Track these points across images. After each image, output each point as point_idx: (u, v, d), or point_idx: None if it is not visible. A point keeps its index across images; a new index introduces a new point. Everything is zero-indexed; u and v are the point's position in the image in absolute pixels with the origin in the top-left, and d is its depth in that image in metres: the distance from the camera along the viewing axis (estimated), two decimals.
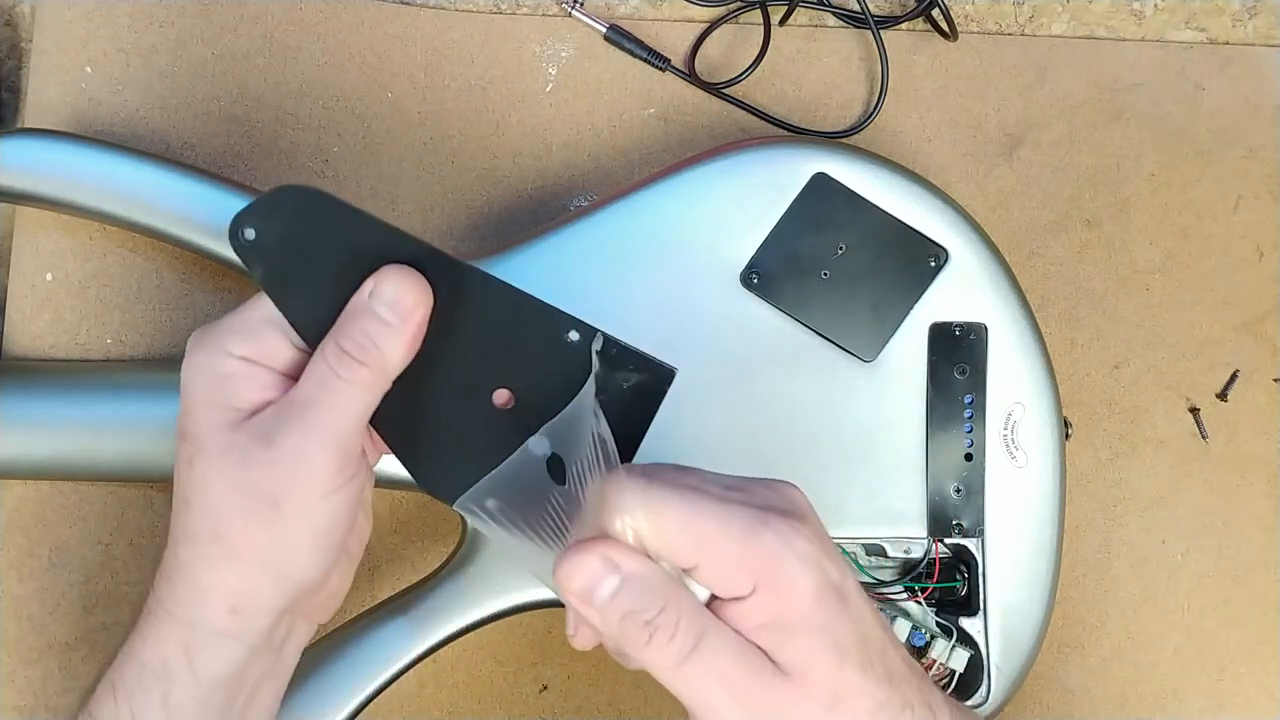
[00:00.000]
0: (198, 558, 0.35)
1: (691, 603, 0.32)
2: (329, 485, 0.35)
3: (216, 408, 0.35)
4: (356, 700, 0.44)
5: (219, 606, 0.35)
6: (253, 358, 0.36)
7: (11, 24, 0.53)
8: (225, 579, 0.35)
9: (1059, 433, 0.48)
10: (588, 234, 0.47)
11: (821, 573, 0.32)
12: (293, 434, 0.35)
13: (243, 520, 0.35)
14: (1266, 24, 0.56)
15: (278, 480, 0.35)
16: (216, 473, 0.35)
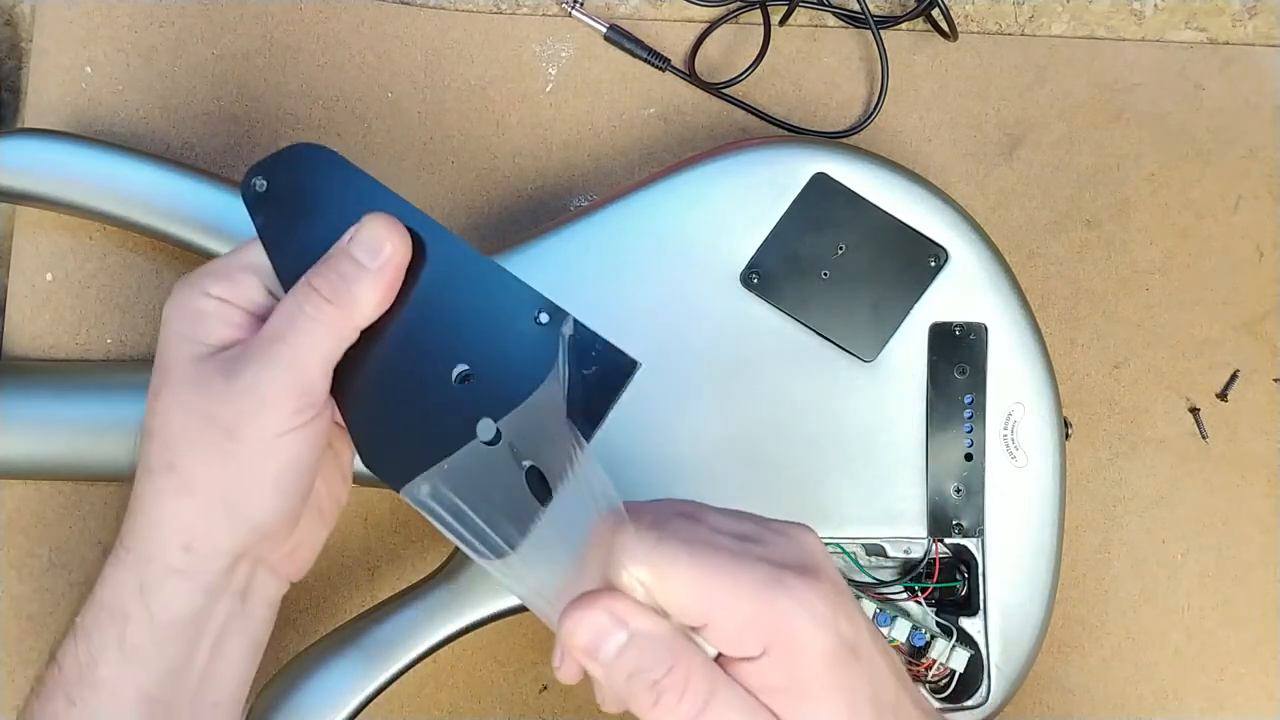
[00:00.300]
0: (154, 491, 0.35)
1: (701, 661, 0.31)
2: (287, 423, 0.35)
3: (187, 341, 0.36)
4: (357, 700, 0.44)
5: (174, 543, 0.35)
6: (227, 298, 0.36)
7: (12, 24, 0.53)
8: (179, 513, 0.35)
9: (1059, 433, 0.47)
10: (588, 234, 0.47)
11: (835, 634, 0.31)
12: (253, 367, 0.34)
13: (199, 451, 0.34)
14: (1266, 24, 0.56)
15: (235, 411, 0.34)
16: (177, 403, 0.35)
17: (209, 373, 0.35)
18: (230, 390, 0.34)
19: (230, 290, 0.36)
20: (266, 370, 0.34)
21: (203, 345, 0.35)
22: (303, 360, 0.35)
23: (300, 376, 0.35)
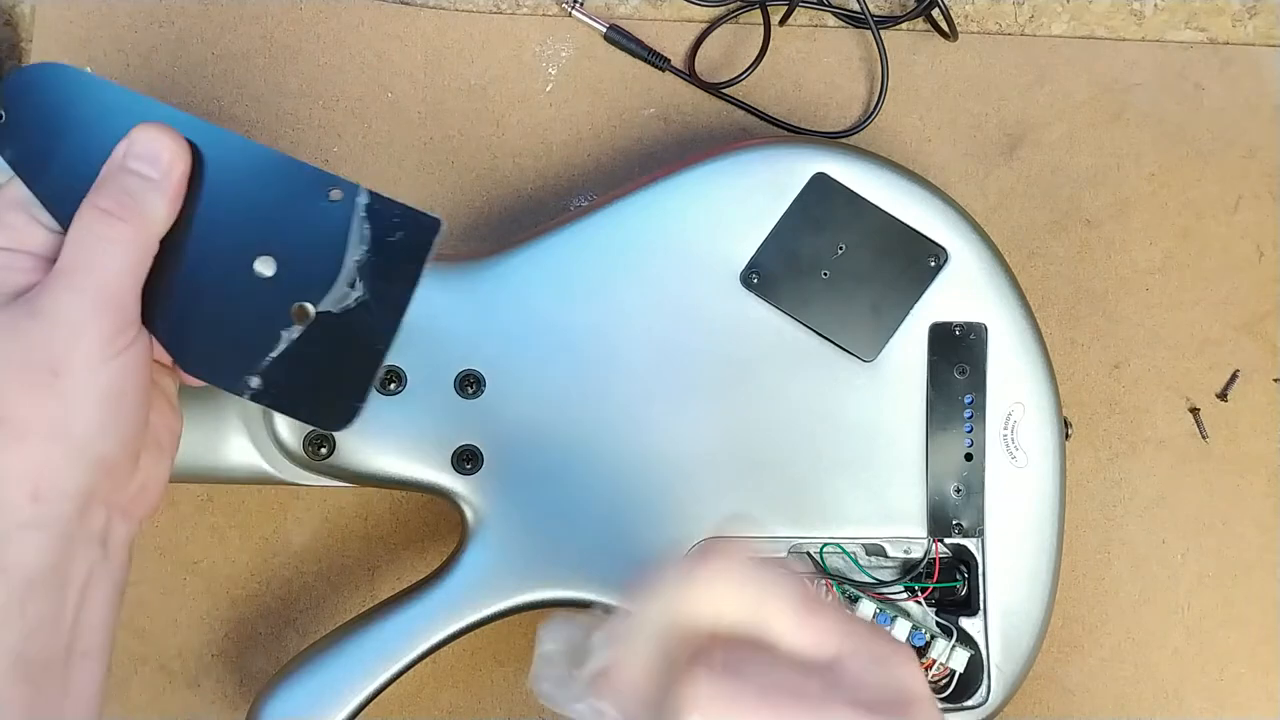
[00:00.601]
0: None
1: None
2: (108, 349, 0.34)
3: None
4: (357, 700, 0.44)
5: (18, 494, 0.33)
6: (6, 245, 0.35)
7: (12, 24, 0.53)
8: (19, 463, 0.33)
9: (1059, 433, 0.47)
10: (588, 234, 0.47)
11: None
12: (59, 300, 0.34)
13: (24, 395, 0.33)
14: (1266, 24, 0.56)
15: (52, 347, 0.33)
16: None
17: (13, 319, 0.34)
18: (42, 327, 0.33)
19: (7, 237, 0.35)
20: (74, 299, 0.34)
21: (3, 294, 0.34)
22: (109, 282, 0.34)
23: (110, 298, 0.34)
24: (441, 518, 0.52)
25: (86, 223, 0.34)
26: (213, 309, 0.37)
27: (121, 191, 0.35)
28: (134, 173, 0.35)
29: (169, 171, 0.35)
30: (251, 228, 0.36)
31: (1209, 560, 0.53)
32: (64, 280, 0.34)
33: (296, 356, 0.37)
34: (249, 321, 0.36)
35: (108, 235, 0.34)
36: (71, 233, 0.35)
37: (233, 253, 0.36)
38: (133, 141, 0.35)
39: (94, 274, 0.34)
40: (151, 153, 0.35)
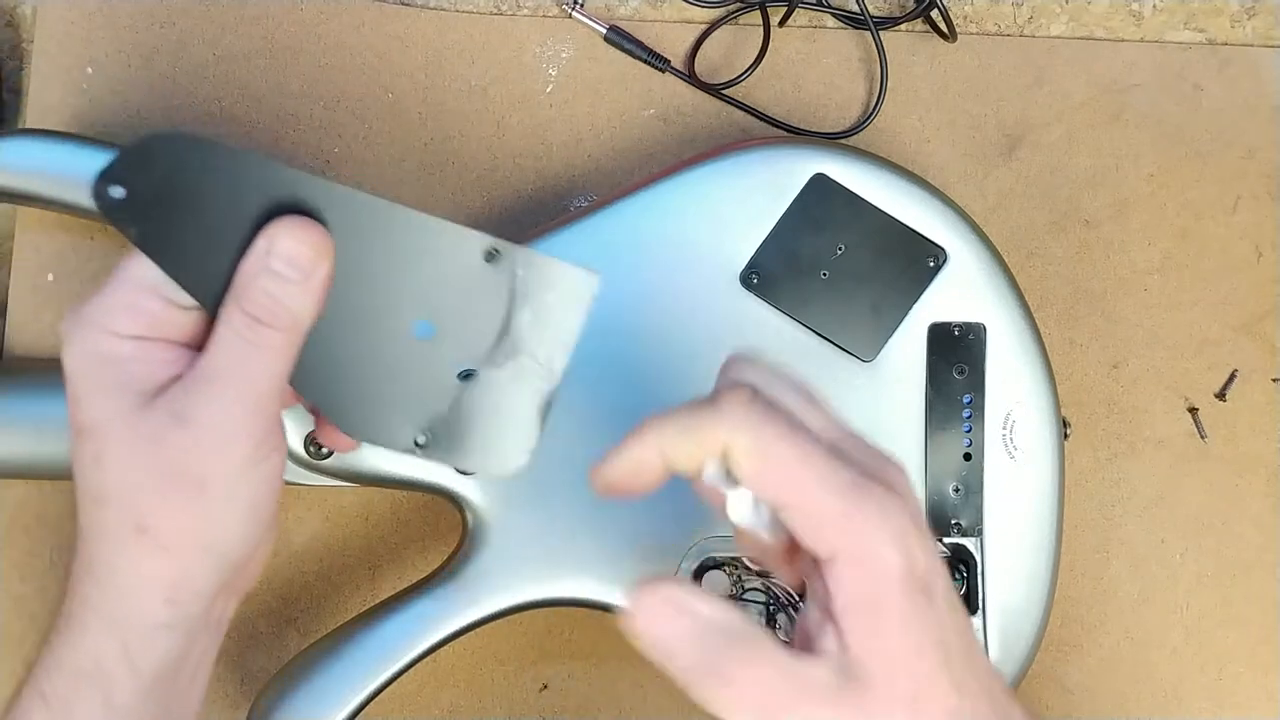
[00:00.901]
0: (124, 556, 0.33)
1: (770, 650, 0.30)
2: (255, 456, 0.34)
3: (116, 395, 0.33)
4: (357, 700, 0.44)
5: (155, 600, 0.33)
6: (145, 334, 0.34)
7: (13, 25, 0.54)
8: (158, 571, 0.33)
9: (1058, 432, 0.48)
10: (587, 234, 0.47)
11: (910, 559, 0.30)
12: (210, 409, 0.33)
13: (169, 507, 0.33)
14: (1265, 24, 0.56)
15: (200, 458, 0.33)
16: (132, 464, 0.33)
17: (158, 425, 0.33)
18: (190, 440, 0.33)
19: (141, 323, 0.34)
20: (223, 410, 0.33)
21: (136, 395, 0.33)
22: (258, 390, 0.33)
23: (259, 407, 0.33)
24: (442, 517, 0.52)
25: (235, 328, 0.33)
26: (373, 374, 0.36)
27: (267, 296, 0.33)
28: (278, 275, 0.33)
29: (313, 272, 0.34)
30: (408, 292, 0.36)
31: (1208, 560, 0.54)
32: (212, 388, 0.33)
33: (462, 412, 0.37)
34: (412, 383, 0.36)
35: (256, 341, 0.33)
36: (218, 335, 0.33)
37: (389, 318, 0.36)
38: (274, 240, 0.33)
39: (243, 383, 0.33)
40: (294, 254, 0.33)
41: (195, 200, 0.34)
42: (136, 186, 0.33)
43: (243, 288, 0.33)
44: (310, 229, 0.34)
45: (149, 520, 0.33)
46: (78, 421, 0.34)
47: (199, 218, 0.34)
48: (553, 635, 0.52)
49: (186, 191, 0.33)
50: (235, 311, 0.33)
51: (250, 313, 0.33)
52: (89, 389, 0.33)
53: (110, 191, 0.33)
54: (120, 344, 0.33)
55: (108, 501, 0.33)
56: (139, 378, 0.33)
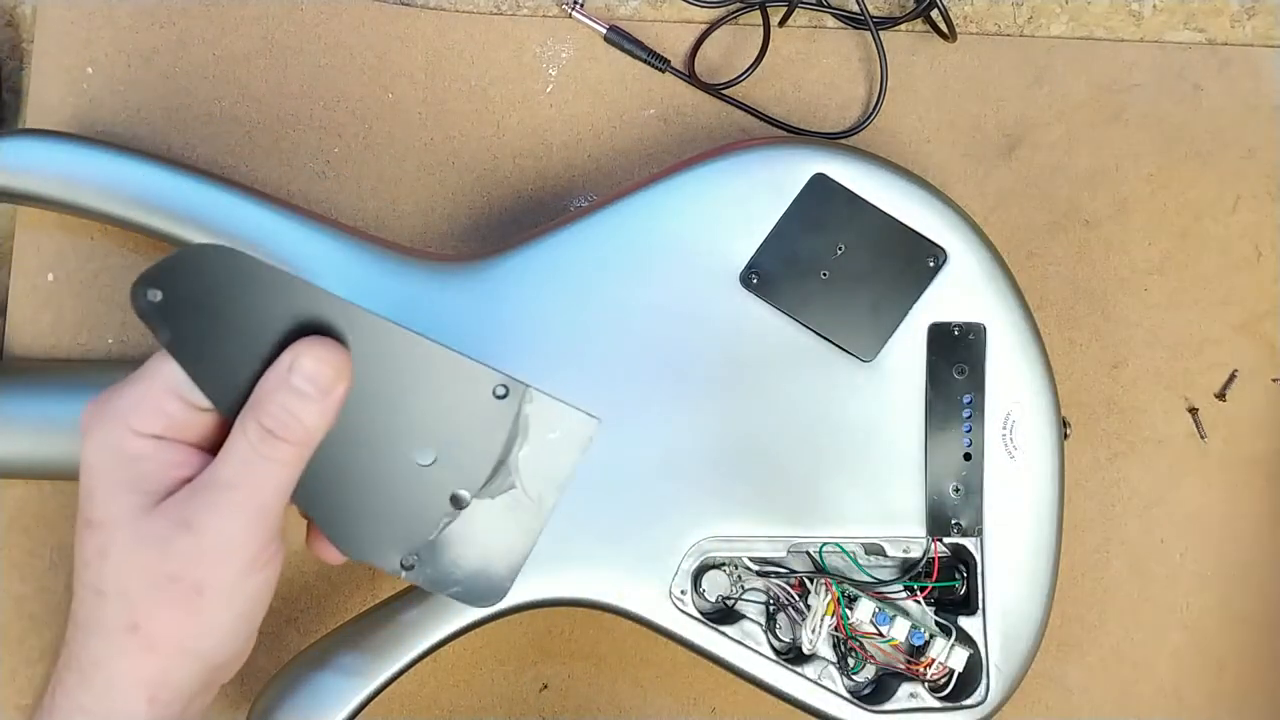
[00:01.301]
0: (114, 651, 0.34)
1: None
2: (253, 566, 0.34)
3: (127, 492, 0.34)
4: (356, 700, 0.44)
5: (136, 699, 0.34)
6: (163, 434, 0.35)
7: (13, 25, 0.54)
8: (143, 670, 0.34)
9: (1058, 432, 0.48)
10: (588, 234, 0.47)
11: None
12: (215, 517, 0.34)
13: (164, 610, 0.34)
14: (1265, 24, 0.56)
15: (200, 565, 0.34)
16: (134, 564, 0.34)
17: (164, 529, 0.34)
18: (193, 547, 0.33)
19: (162, 423, 0.35)
20: (229, 521, 0.34)
21: (147, 495, 0.34)
22: (264, 501, 0.34)
23: (262, 518, 0.34)
24: None
25: (251, 439, 0.34)
26: (369, 494, 0.37)
27: (284, 410, 0.34)
28: (298, 391, 0.34)
29: (330, 391, 0.35)
30: (414, 418, 0.37)
31: (1208, 560, 0.54)
32: (220, 496, 0.34)
33: (452, 539, 0.38)
34: (406, 506, 0.37)
35: (270, 455, 0.34)
36: (232, 444, 0.34)
37: (392, 441, 0.37)
38: (298, 355, 0.34)
39: (251, 494, 0.34)
40: (314, 372, 0.34)
41: (227, 310, 0.35)
42: (172, 292, 0.34)
43: (261, 401, 0.34)
44: (332, 350, 0.35)
45: (141, 620, 0.34)
46: (87, 514, 0.34)
47: (229, 327, 0.35)
48: (553, 635, 0.52)
49: (220, 301, 0.34)
50: (251, 423, 0.34)
51: (266, 425, 0.34)
52: (103, 484, 0.34)
53: (147, 295, 0.34)
54: (140, 442, 0.34)
55: (106, 596, 0.34)
56: (152, 477, 0.34)
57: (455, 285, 0.46)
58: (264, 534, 0.35)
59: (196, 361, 0.35)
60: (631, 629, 0.46)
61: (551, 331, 0.46)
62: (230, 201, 0.46)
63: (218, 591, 0.34)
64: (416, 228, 0.52)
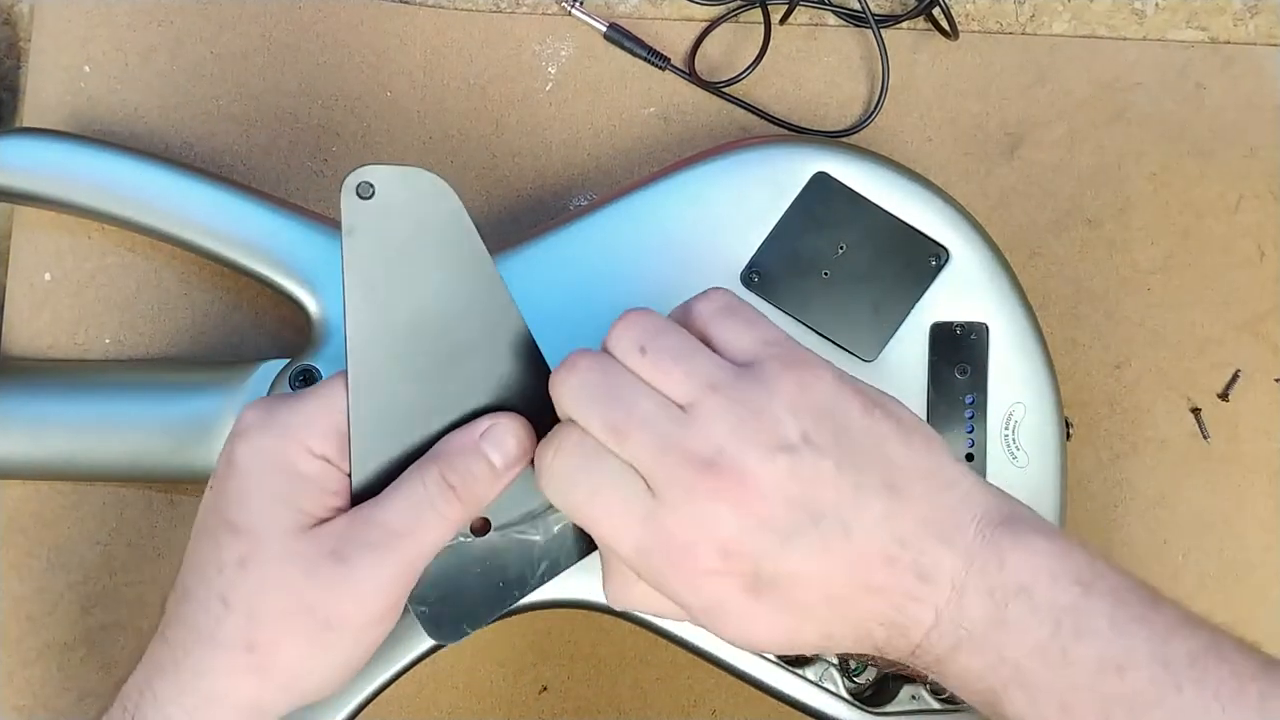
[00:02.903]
0: (222, 665, 0.33)
1: None
2: (386, 615, 0.34)
3: (284, 508, 0.33)
4: (356, 700, 0.44)
5: (227, 715, 0.34)
6: (333, 459, 0.34)
7: (10, 23, 0.53)
8: (246, 692, 0.33)
9: (1060, 433, 0.47)
10: (588, 234, 0.47)
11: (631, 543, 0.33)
12: (368, 557, 0.33)
13: (287, 638, 0.33)
14: (1268, 23, 0.56)
15: (340, 604, 0.33)
16: (275, 583, 0.33)
17: (316, 556, 0.33)
18: (341, 582, 0.33)
19: (335, 450, 0.34)
20: (385, 566, 0.33)
21: (305, 515, 0.33)
22: (420, 554, 0.34)
23: (411, 570, 0.34)
24: None
25: (430, 491, 0.34)
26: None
27: (470, 474, 0.34)
28: (486, 459, 0.34)
29: (513, 469, 0.35)
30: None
31: (1210, 560, 0.53)
32: (384, 539, 0.33)
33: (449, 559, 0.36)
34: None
35: (443, 512, 0.34)
36: (407, 490, 0.34)
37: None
38: (494, 427, 0.35)
39: (413, 543, 0.34)
40: (506, 446, 0.35)
41: (412, 257, 0.34)
42: (383, 200, 0.34)
43: (449, 457, 0.34)
44: (526, 430, 0.35)
45: (262, 642, 0.33)
46: (234, 519, 0.33)
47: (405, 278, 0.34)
48: (552, 637, 0.51)
49: (413, 242, 0.34)
50: (434, 475, 0.34)
51: (450, 481, 0.34)
52: (259, 491, 0.33)
53: (361, 185, 0.34)
54: (310, 461, 0.34)
55: (231, 608, 0.33)
56: (312, 499, 0.34)
57: None
58: (406, 586, 0.34)
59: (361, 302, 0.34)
60: (631, 631, 0.46)
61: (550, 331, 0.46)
62: (228, 200, 0.46)
63: (345, 632, 0.33)
64: None
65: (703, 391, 0.32)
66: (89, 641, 0.50)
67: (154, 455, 0.46)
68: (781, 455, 0.31)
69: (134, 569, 0.50)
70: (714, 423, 0.31)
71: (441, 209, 0.34)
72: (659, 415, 0.32)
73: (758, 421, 0.31)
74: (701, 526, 0.31)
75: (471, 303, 0.35)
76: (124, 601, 0.50)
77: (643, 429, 0.32)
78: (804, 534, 0.31)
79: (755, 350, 0.33)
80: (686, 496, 0.31)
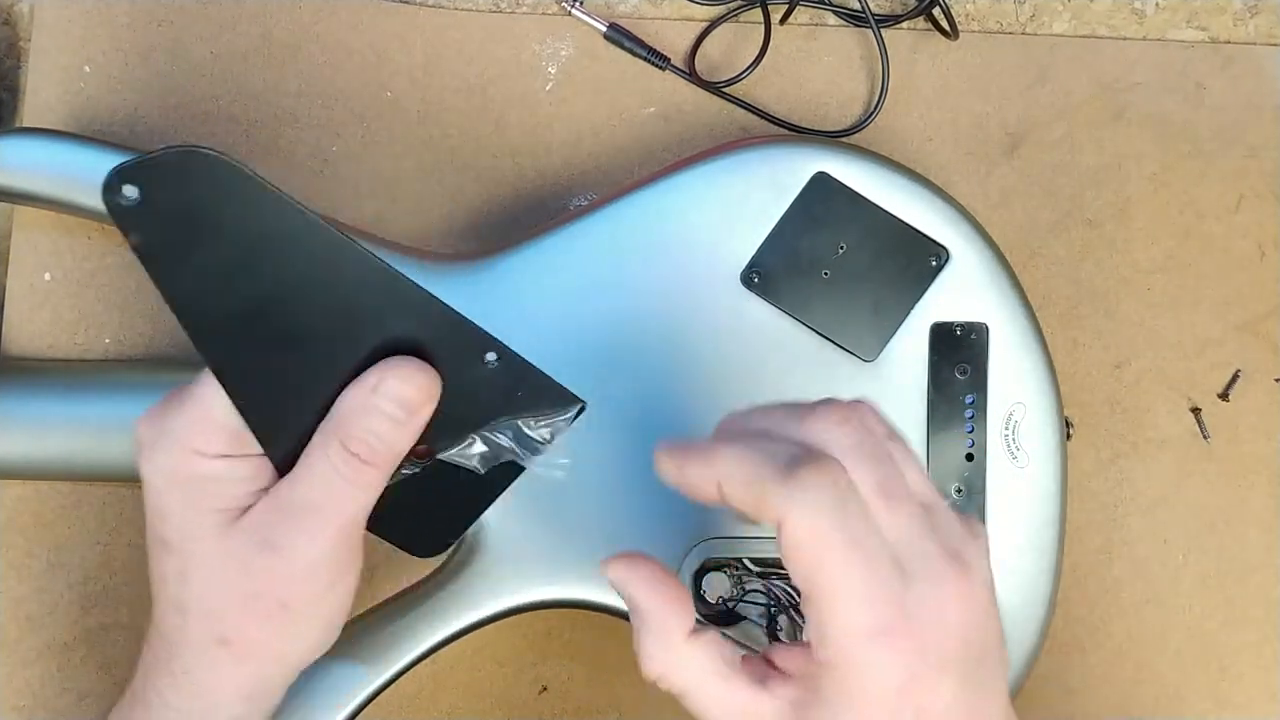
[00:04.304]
0: (206, 664, 0.35)
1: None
2: (335, 578, 0.35)
3: (201, 514, 0.34)
4: (356, 701, 0.44)
5: (233, 699, 0.35)
6: (229, 451, 0.34)
7: (10, 23, 0.53)
8: (237, 678, 0.35)
9: (1060, 433, 0.47)
10: (588, 234, 0.47)
11: (901, 695, 0.29)
12: (298, 539, 0.34)
13: (252, 625, 0.34)
14: (1268, 23, 0.56)
15: (286, 584, 0.34)
16: (217, 584, 0.34)
17: (245, 548, 0.33)
18: (277, 566, 0.33)
19: (226, 441, 0.34)
20: (313, 543, 0.34)
21: (221, 514, 0.34)
22: (348, 520, 0.34)
23: (347, 536, 0.34)
24: None
25: (334, 463, 0.34)
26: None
27: (371, 435, 0.34)
28: (386, 415, 0.34)
29: (418, 413, 0.34)
30: None
31: (1211, 561, 0.53)
32: (303, 519, 0.34)
33: (407, 491, 0.36)
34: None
35: (356, 480, 0.34)
36: (314, 466, 0.34)
37: None
38: (383, 379, 0.34)
39: (335, 516, 0.34)
40: (402, 396, 0.34)
41: (213, 230, 0.32)
42: (152, 195, 0.31)
43: (345, 423, 0.34)
44: (420, 371, 0.34)
45: (231, 635, 0.34)
46: (161, 534, 0.34)
47: (215, 249, 0.32)
48: (552, 637, 0.51)
49: (206, 219, 0.32)
50: (334, 444, 0.34)
51: (352, 449, 0.34)
52: (174, 505, 0.34)
53: (122, 191, 0.31)
54: (207, 463, 0.34)
55: (189, 613, 0.34)
56: (225, 496, 0.34)
57: (454, 285, 0.46)
58: (347, 551, 0.35)
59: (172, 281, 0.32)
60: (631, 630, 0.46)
61: (550, 331, 0.46)
62: None
63: (302, 606, 0.34)
64: (415, 227, 0.52)
65: (937, 494, 0.32)
66: (88, 642, 0.50)
67: None
68: (988, 592, 0.31)
69: (134, 569, 0.50)
70: (955, 525, 0.31)
71: (219, 178, 0.32)
72: (916, 501, 0.31)
73: (981, 544, 0.32)
74: (936, 622, 0.30)
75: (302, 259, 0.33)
76: (124, 601, 0.50)
77: (909, 502, 0.31)
78: (972, 677, 0.31)
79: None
80: (934, 586, 0.30)
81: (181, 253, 0.32)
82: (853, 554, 0.29)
